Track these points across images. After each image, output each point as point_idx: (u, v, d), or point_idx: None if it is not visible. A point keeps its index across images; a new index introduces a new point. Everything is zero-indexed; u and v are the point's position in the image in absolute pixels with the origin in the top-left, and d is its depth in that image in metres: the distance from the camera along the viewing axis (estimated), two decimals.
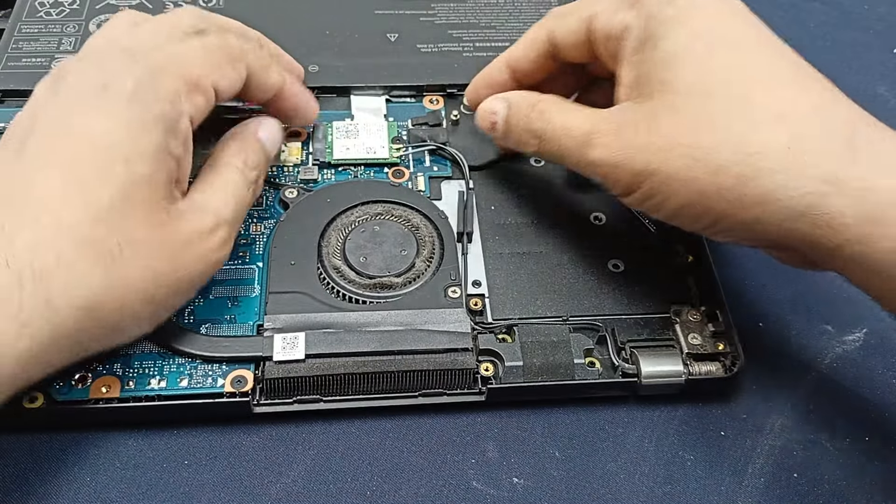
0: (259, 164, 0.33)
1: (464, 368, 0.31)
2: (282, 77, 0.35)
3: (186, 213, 0.29)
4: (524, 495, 0.30)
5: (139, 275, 0.27)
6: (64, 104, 0.29)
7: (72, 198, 0.27)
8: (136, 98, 0.28)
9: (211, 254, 0.30)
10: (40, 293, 0.25)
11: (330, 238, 0.35)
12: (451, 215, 0.36)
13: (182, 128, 0.30)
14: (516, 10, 0.45)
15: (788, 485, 0.31)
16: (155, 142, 0.28)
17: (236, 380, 0.30)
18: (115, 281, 0.27)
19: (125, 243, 0.27)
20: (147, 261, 0.28)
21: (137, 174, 0.28)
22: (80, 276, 0.26)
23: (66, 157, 0.27)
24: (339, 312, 0.32)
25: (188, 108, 0.30)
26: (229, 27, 0.35)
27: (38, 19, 0.43)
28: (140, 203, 0.28)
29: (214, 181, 0.31)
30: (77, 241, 0.26)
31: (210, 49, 0.31)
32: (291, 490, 0.30)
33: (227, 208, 0.31)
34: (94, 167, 0.27)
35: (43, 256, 0.25)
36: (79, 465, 0.30)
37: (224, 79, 0.32)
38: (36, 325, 0.25)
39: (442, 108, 0.41)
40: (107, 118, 0.28)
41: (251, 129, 0.34)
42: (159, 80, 0.29)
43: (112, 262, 0.27)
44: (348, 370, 0.30)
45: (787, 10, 0.52)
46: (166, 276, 0.28)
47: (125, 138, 0.28)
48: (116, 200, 0.27)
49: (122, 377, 0.30)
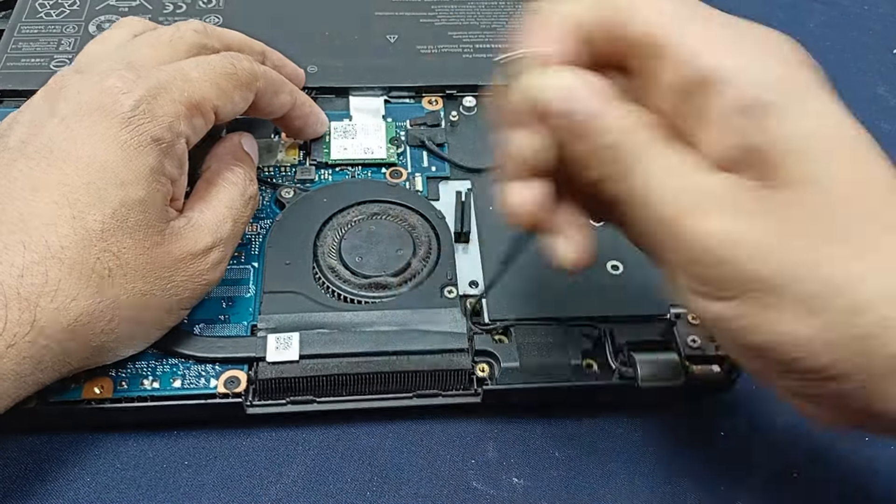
0: (254, 177, 0.33)
1: (459, 369, 0.31)
2: (291, 98, 0.35)
3: (181, 232, 0.29)
4: (524, 495, 0.30)
5: (128, 297, 0.27)
6: (60, 122, 0.28)
7: (62, 220, 0.26)
8: (134, 120, 0.28)
9: (202, 276, 0.30)
10: (26, 315, 0.25)
11: (326, 238, 0.34)
12: (449, 215, 0.36)
13: (178, 150, 0.29)
14: (516, 12, 0.45)
15: (788, 484, 0.31)
16: (150, 164, 0.28)
17: (229, 380, 0.30)
18: (103, 303, 0.27)
19: (116, 266, 0.27)
20: (137, 283, 0.27)
21: (131, 197, 0.27)
22: (67, 298, 0.26)
23: (59, 178, 0.27)
24: (334, 312, 0.32)
25: (186, 129, 0.30)
26: (232, 41, 0.35)
27: (38, 20, 0.43)
28: (134, 226, 0.27)
29: (212, 199, 0.31)
30: (66, 263, 0.26)
31: (217, 72, 0.31)
32: (291, 491, 0.30)
33: (224, 227, 0.30)
34: (86, 190, 0.27)
35: (30, 278, 0.25)
36: (79, 466, 0.30)
37: (228, 104, 0.31)
38: (21, 345, 0.25)
39: (441, 109, 0.41)
40: (102, 139, 0.27)
41: (237, 142, 0.34)
42: (159, 102, 0.29)
43: (101, 285, 0.26)
44: (342, 371, 0.30)
45: (787, 10, 0.52)
46: (156, 298, 0.28)
47: (120, 160, 0.27)
48: (109, 224, 0.27)
49: (114, 378, 0.30)
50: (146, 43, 0.32)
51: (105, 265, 0.27)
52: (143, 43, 0.32)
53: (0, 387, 0.25)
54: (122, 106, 0.28)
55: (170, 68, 0.30)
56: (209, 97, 0.30)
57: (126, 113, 0.28)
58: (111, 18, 0.43)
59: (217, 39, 0.34)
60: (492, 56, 0.43)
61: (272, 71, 0.34)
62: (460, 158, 0.38)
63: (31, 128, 0.28)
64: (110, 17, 0.43)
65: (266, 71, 0.33)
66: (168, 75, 0.29)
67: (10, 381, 0.25)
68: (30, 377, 0.26)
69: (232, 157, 0.33)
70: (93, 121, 0.28)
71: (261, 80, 0.33)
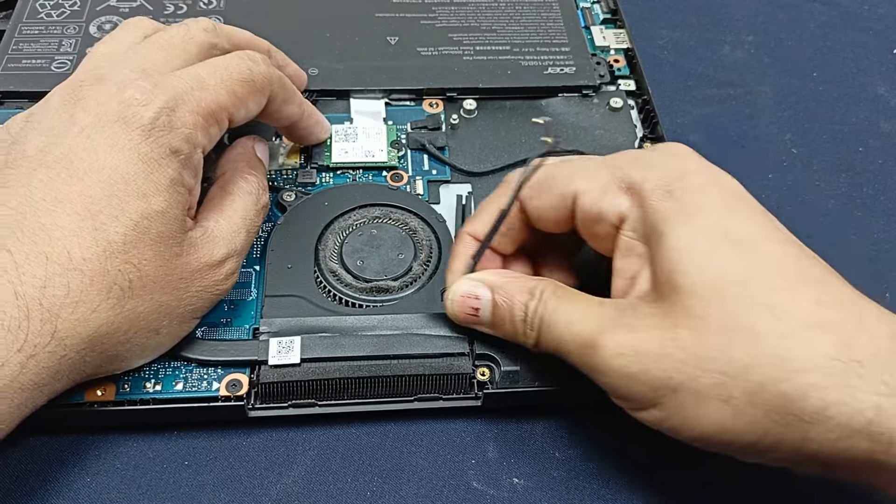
0: (266, 186, 0.33)
1: (460, 373, 0.31)
2: (301, 110, 0.35)
3: (198, 243, 0.29)
4: (524, 495, 0.30)
5: (146, 308, 0.27)
6: (80, 132, 0.28)
7: (85, 232, 0.26)
8: (154, 132, 0.28)
9: (217, 286, 0.30)
10: (48, 326, 0.25)
11: (327, 241, 0.34)
12: (450, 219, 0.36)
13: (195, 160, 0.30)
14: (517, 14, 0.45)
15: (788, 484, 0.31)
16: (170, 176, 0.28)
17: (231, 383, 0.30)
18: (122, 315, 0.27)
19: (136, 278, 0.27)
20: (155, 295, 0.28)
21: (153, 209, 0.27)
22: (88, 310, 0.26)
23: (80, 189, 0.27)
24: (336, 316, 0.32)
25: (203, 140, 0.30)
26: (241, 40, 0.35)
27: (39, 21, 0.43)
28: (155, 238, 0.27)
29: (226, 208, 0.31)
30: (87, 275, 0.26)
31: (234, 79, 0.31)
32: (292, 491, 0.30)
33: (239, 238, 0.31)
34: (108, 202, 0.27)
35: (52, 289, 0.25)
36: (79, 467, 0.30)
37: (242, 110, 0.31)
38: (41, 356, 0.25)
39: (441, 111, 0.41)
40: (122, 151, 0.27)
41: (251, 148, 0.34)
42: (177, 114, 0.29)
43: (121, 297, 0.27)
44: (344, 374, 0.30)
45: (788, 10, 0.52)
46: (172, 308, 0.28)
47: (141, 172, 0.27)
48: (130, 236, 0.27)
49: (117, 380, 0.30)
50: (157, 46, 0.31)
51: (126, 277, 0.27)
52: (155, 46, 0.31)
53: (20, 397, 0.25)
54: (141, 118, 0.28)
55: (186, 76, 0.30)
56: (225, 105, 0.30)
57: (146, 125, 0.28)
58: (112, 19, 0.43)
59: (226, 39, 0.34)
60: (492, 58, 0.43)
61: (286, 77, 0.34)
62: (461, 162, 0.38)
63: (50, 136, 0.28)
64: (111, 19, 0.43)
65: (281, 76, 0.33)
66: (185, 84, 0.29)
67: (28, 392, 0.25)
68: (47, 387, 0.26)
69: (246, 164, 0.33)
70: (113, 132, 0.28)
71: (275, 85, 0.33)
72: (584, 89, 0.42)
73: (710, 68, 0.48)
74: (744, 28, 0.51)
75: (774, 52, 0.49)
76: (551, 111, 0.41)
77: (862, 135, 0.44)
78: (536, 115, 0.41)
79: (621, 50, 0.45)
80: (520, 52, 0.43)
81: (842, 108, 0.46)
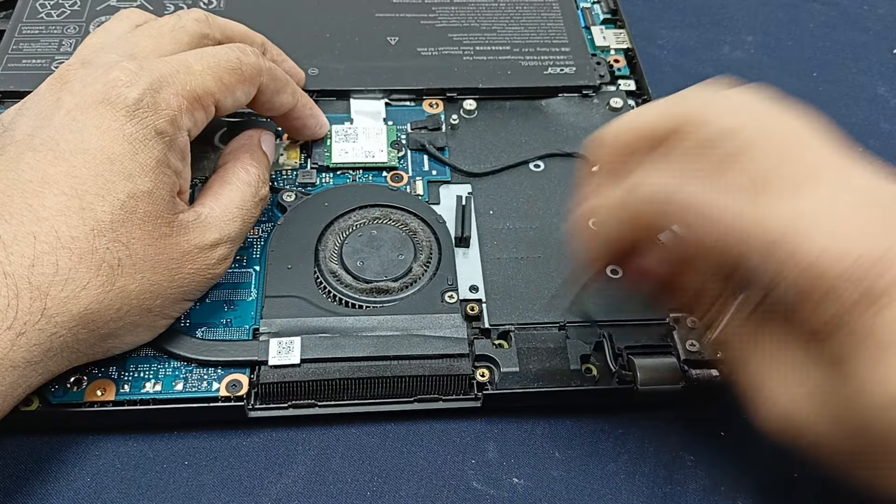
0: (267, 178, 0.33)
1: (460, 374, 0.31)
2: (293, 99, 0.35)
3: (190, 226, 0.29)
4: (524, 495, 0.30)
5: (137, 287, 0.28)
6: (66, 114, 0.28)
7: (72, 211, 0.27)
8: (138, 113, 0.28)
9: (209, 269, 0.30)
10: (37, 303, 0.25)
11: (327, 242, 0.34)
12: (450, 220, 0.36)
13: (181, 143, 0.30)
14: (517, 14, 0.45)
15: (788, 485, 0.31)
16: (156, 156, 0.28)
17: (231, 384, 0.30)
18: (112, 292, 0.27)
19: (125, 256, 0.27)
20: (146, 273, 0.28)
21: (139, 189, 0.28)
22: (77, 287, 0.26)
23: (66, 170, 0.27)
24: (336, 317, 0.32)
25: (188, 123, 0.30)
26: (234, 32, 0.35)
27: (39, 20, 0.43)
28: (143, 217, 0.28)
29: (223, 196, 0.31)
30: (76, 253, 0.26)
31: (222, 66, 0.31)
32: (292, 491, 0.30)
33: (233, 225, 0.31)
34: (94, 181, 0.27)
35: (41, 267, 0.26)
36: (79, 467, 0.30)
37: (229, 98, 0.31)
38: (32, 334, 0.25)
39: (441, 111, 0.41)
40: (107, 132, 0.28)
41: (256, 141, 0.34)
42: (162, 95, 0.29)
43: (111, 274, 0.27)
44: (344, 375, 0.30)
45: (788, 10, 0.52)
46: (164, 288, 0.29)
47: (126, 153, 0.28)
48: (118, 215, 0.27)
49: (117, 380, 0.30)
50: (148, 34, 0.32)
51: (115, 255, 0.27)
52: (145, 34, 0.32)
53: (12, 375, 0.25)
54: (125, 99, 0.28)
55: (173, 60, 0.30)
56: (211, 90, 0.30)
57: (130, 106, 0.28)
58: None
59: (219, 30, 0.34)
60: (492, 58, 0.43)
61: (277, 68, 0.34)
62: (461, 162, 0.38)
63: (38, 120, 0.29)
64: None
65: (271, 67, 0.33)
66: (171, 67, 0.30)
67: (21, 370, 0.25)
68: (40, 364, 0.26)
69: (249, 155, 0.33)
70: (98, 113, 0.28)
71: (265, 76, 0.33)
72: (584, 89, 0.42)
73: (710, 68, 0.48)
74: (744, 28, 0.51)
75: (774, 52, 0.49)
76: (551, 111, 0.41)
77: (862, 135, 0.44)
78: (536, 114, 0.41)
79: (621, 50, 0.45)
80: (520, 52, 0.43)
81: (842, 108, 0.46)
